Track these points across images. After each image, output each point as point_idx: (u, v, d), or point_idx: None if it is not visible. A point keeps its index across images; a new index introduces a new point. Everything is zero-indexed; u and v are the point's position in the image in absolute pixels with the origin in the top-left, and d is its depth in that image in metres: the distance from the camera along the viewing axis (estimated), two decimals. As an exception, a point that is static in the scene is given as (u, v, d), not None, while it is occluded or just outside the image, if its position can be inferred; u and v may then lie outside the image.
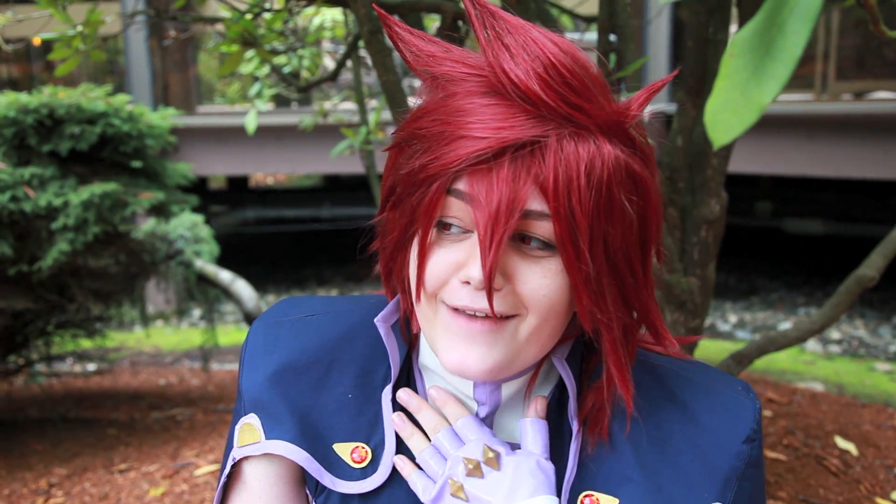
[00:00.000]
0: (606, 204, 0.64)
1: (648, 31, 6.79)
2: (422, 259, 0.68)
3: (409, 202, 0.68)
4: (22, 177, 3.01)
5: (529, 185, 0.63)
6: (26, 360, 4.02)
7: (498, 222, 0.62)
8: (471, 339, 0.68)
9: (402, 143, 0.70)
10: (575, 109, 0.63)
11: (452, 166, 0.64)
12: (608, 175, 0.64)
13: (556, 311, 0.68)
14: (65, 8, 1.80)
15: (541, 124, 0.63)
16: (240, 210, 11.43)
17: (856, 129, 6.04)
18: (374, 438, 0.77)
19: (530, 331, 0.68)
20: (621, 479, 0.73)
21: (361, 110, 2.71)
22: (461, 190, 0.65)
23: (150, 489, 2.54)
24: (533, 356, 0.71)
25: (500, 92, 0.64)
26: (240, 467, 0.81)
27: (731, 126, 0.40)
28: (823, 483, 2.41)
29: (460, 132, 0.64)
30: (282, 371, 0.80)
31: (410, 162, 0.67)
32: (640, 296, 0.70)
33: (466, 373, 0.68)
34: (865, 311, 6.65)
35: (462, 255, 0.67)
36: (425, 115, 0.67)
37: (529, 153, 0.63)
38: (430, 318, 0.71)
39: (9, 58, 8.31)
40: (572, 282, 0.66)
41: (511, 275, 0.67)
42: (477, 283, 0.65)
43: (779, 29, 0.39)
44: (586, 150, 0.63)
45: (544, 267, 0.66)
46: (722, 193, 1.91)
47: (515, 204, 0.62)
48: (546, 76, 0.62)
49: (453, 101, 0.65)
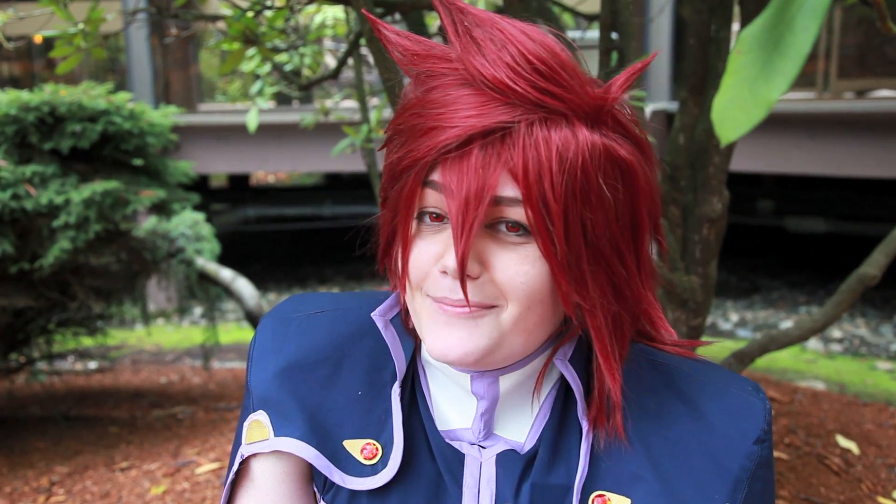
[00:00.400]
0: (583, 188, 0.64)
1: (650, 29, 6.78)
2: (404, 251, 0.70)
3: (392, 196, 0.70)
4: (23, 175, 3.01)
5: (500, 170, 0.63)
6: (27, 358, 4.02)
7: (468, 209, 0.63)
8: (451, 325, 0.69)
9: (388, 139, 0.72)
10: (545, 94, 0.63)
11: (425, 157, 0.65)
12: (583, 159, 0.64)
13: (537, 298, 0.68)
14: (66, 5, 1.80)
15: (510, 111, 0.63)
16: (241, 208, 11.42)
17: (858, 127, 6.03)
18: (384, 435, 0.77)
19: (513, 319, 0.68)
20: (633, 478, 0.72)
21: (363, 108, 2.71)
22: (436, 181, 0.66)
23: (152, 487, 2.55)
24: (521, 345, 0.71)
25: (472, 84, 0.65)
26: (248, 464, 0.81)
27: (739, 122, 0.40)
28: (825, 482, 2.41)
29: (432, 123, 0.65)
30: (291, 368, 0.80)
31: (391, 156, 0.69)
32: (632, 284, 0.70)
33: (448, 357, 0.69)
34: (867, 309, 6.64)
35: (441, 246, 0.68)
36: (406, 111, 0.69)
37: (500, 139, 0.63)
38: (418, 309, 0.72)
39: (10, 55, 8.31)
40: (549, 267, 0.66)
41: (488, 262, 0.67)
42: (452, 272, 0.66)
43: (787, 25, 0.39)
44: (559, 135, 0.63)
45: (521, 253, 0.67)
46: (724, 192, 1.91)
47: (486, 190, 0.63)
48: (514, 64, 0.63)
49: (429, 96, 0.67)
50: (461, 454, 0.76)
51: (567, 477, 0.74)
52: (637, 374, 0.76)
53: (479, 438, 0.77)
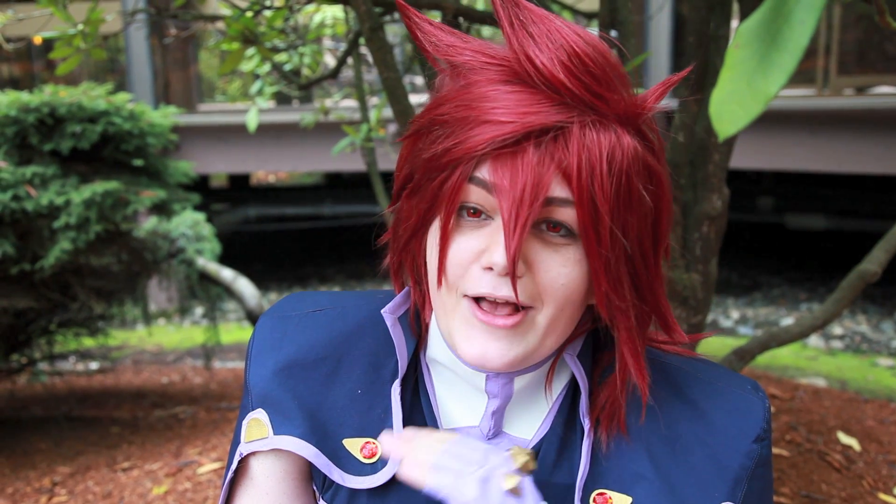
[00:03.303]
0: (626, 192, 0.65)
1: (649, 27, 6.78)
2: (443, 245, 0.68)
3: (429, 188, 0.68)
4: (24, 176, 3.01)
5: (553, 170, 0.63)
6: (29, 359, 4.02)
7: (522, 206, 0.63)
8: (490, 333, 0.68)
9: (422, 130, 0.70)
10: (597, 98, 0.64)
11: (478, 149, 0.64)
12: (627, 164, 0.65)
13: (572, 300, 0.68)
14: (65, 6, 1.80)
15: (565, 111, 0.63)
16: (241, 208, 11.41)
17: (858, 123, 6.03)
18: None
19: (548, 321, 0.69)
20: (634, 477, 0.73)
21: (362, 107, 2.71)
22: (483, 178, 0.65)
23: (154, 487, 2.55)
24: (550, 347, 0.71)
25: (523, 80, 0.65)
26: (247, 463, 0.81)
27: (737, 117, 0.40)
28: (826, 478, 2.41)
29: (484, 117, 0.64)
30: (290, 366, 0.79)
31: (433, 147, 0.67)
32: (653, 286, 0.71)
33: (487, 365, 0.69)
34: (868, 306, 6.64)
35: (483, 241, 0.67)
36: (446, 103, 0.68)
37: (553, 139, 0.63)
38: (449, 308, 0.71)
39: (10, 57, 8.31)
40: (592, 268, 0.66)
41: (532, 262, 0.67)
42: (500, 269, 0.65)
43: (785, 19, 0.39)
44: (607, 139, 0.64)
45: (563, 255, 0.67)
46: (724, 189, 1.91)
47: (540, 189, 0.63)
48: (570, 64, 0.63)
49: (476, 89, 0.66)
50: None
51: (569, 475, 0.74)
52: None
53: (488, 436, 0.77)
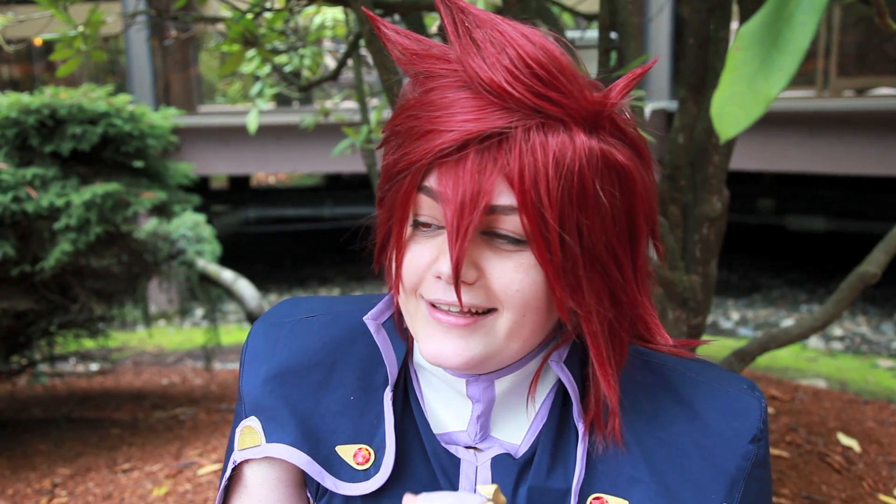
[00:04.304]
0: (579, 194, 0.63)
1: (650, 29, 6.78)
2: (399, 255, 0.69)
3: (388, 198, 0.70)
4: (24, 177, 3.02)
5: (496, 176, 0.62)
6: (29, 361, 4.02)
7: (463, 215, 0.62)
8: (447, 332, 0.68)
9: (386, 139, 0.71)
10: (544, 100, 0.63)
11: (421, 160, 0.64)
12: (580, 165, 0.63)
13: (532, 306, 0.67)
14: (66, 8, 1.80)
15: (507, 116, 0.62)
16: (241, 209, 11.41)
17: (858, 125, 6.03)
18: (377, 440, 0.77)
19: (509, 326, 0.68)
20: (630, 480, 0.72)
21: (362, 109, 2.71)
22: (430, 186, 0.65)
23: (154, 489, 2.55)
24: (517, 351, 0.71)
25: (470, 86, 0.64)
26: (240, 470, 0.81)
27: (738, 119, 0.40)
28: (826, 480, 2.41)
29: (428, 126, 0.64)
30: (283, 373, 0.79)
31: (387, 158, 0.69)
32: (629, 290, 0.70)
33: (444, 363, 0.69)
34: (868, 307, 6.64)
35: (435, 251, 0.67)
36: (403, 112, 0.68)
37: (496, 145, 0.62)
38: (412, 312, 0.72)
39: (10, 58, 8.31)
40: (545, 274, 0.65)
41: (484, 269, 0.67)
42: (447, 277, 0.65)
43: (786, 21, 0.39)
44: (556, 141, 0.63)
45: (517, 261, 0.66)
46: (723, 191, 1.91)
47: (481, 196, 0.62)
48: (512, 68, 0.62)
49: (427, 97, 0.66)
50: (456, 458, 0.76)
51: (565, 480, 0.73)
52: (632, 375, 0.75)
53: (476, 440, 0.77)
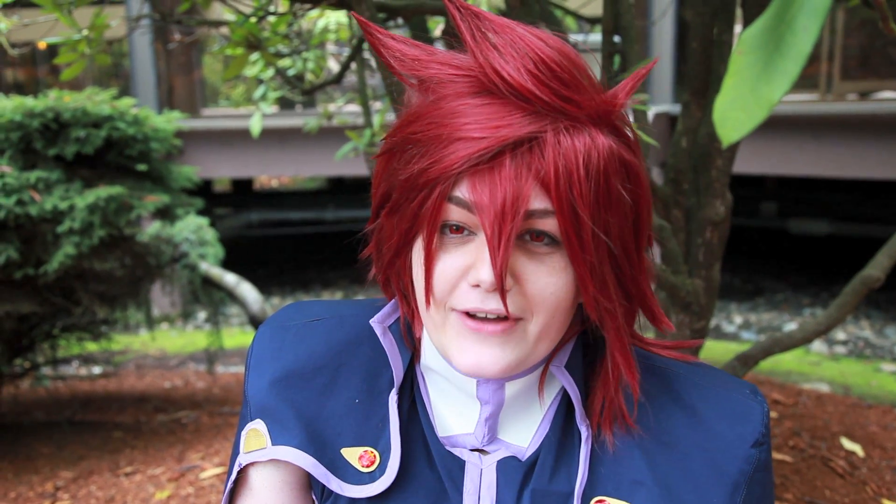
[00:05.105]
0: (605, 194, 0.65)
1: (653, 33, 6.78)
2: (428, 266, 0.68)
3: (409, 208, 0.68)
4: (28, 180, 3.02)
5: (531, 181, 0.63)
6: (32, 364, 4.03)
7: (505, 221, 0.62)
8: (483, 341, 0.68)
9: (395, 148, 0.69)
10: (567, 102, 0.64)
11: (454, 168, 0.63)
12: (604, 164, 0.64)
13: (562, 307, 0.69)
14: (70, 12, 1.81)
15: (537, 120, 0.63)
16: (244, 213, 11.43)
17: (861, 129, 6.02)
18: (382, 442, 0.77)
19: (539, 329, 0.69)
20: (633, 484, 0.72)
21: (366, 112, 2.71)
22: (462, 196, 0.65)
23: (156, 492, 2.55)
24: (543, 352, 0.72)
25: (491, 91, 0.64)
26: (246, 473, 0.81)
27: (741, 123, 0.40)
28: (829, 484, 2.40)
29: (457, 134, 0.64)
30: (288, 376, 0.79)
31: (409, 167, 0.67)
32: (637, 281, 0.71)
33: (483, 373, 0.69)
34: (871, 311, 6.63)
35: (469, 258, 0.67)
36: (417, 120, 0.67)
37: (528, 150, 0.63)
38: (440, 324, 0.70)
39: (14, 62, 8.34)
40: (578, 274, 0.66)
41: (518, 275, 0.67)
42: (488, 286, 0.65)
43: (788, 25, 0.39)
44: (582, 143, 0.64)
45: (549, 265, 0.67)
46: (727, 194, 1.91)
47: (520, 202, 0.62)
48: (536, 72, 0.63)
49: (445, 104, 0.65)
50: (461, 461, 0.76)
51: (568, 483, 0.74)
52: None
53: (483, 443, 0.77)
